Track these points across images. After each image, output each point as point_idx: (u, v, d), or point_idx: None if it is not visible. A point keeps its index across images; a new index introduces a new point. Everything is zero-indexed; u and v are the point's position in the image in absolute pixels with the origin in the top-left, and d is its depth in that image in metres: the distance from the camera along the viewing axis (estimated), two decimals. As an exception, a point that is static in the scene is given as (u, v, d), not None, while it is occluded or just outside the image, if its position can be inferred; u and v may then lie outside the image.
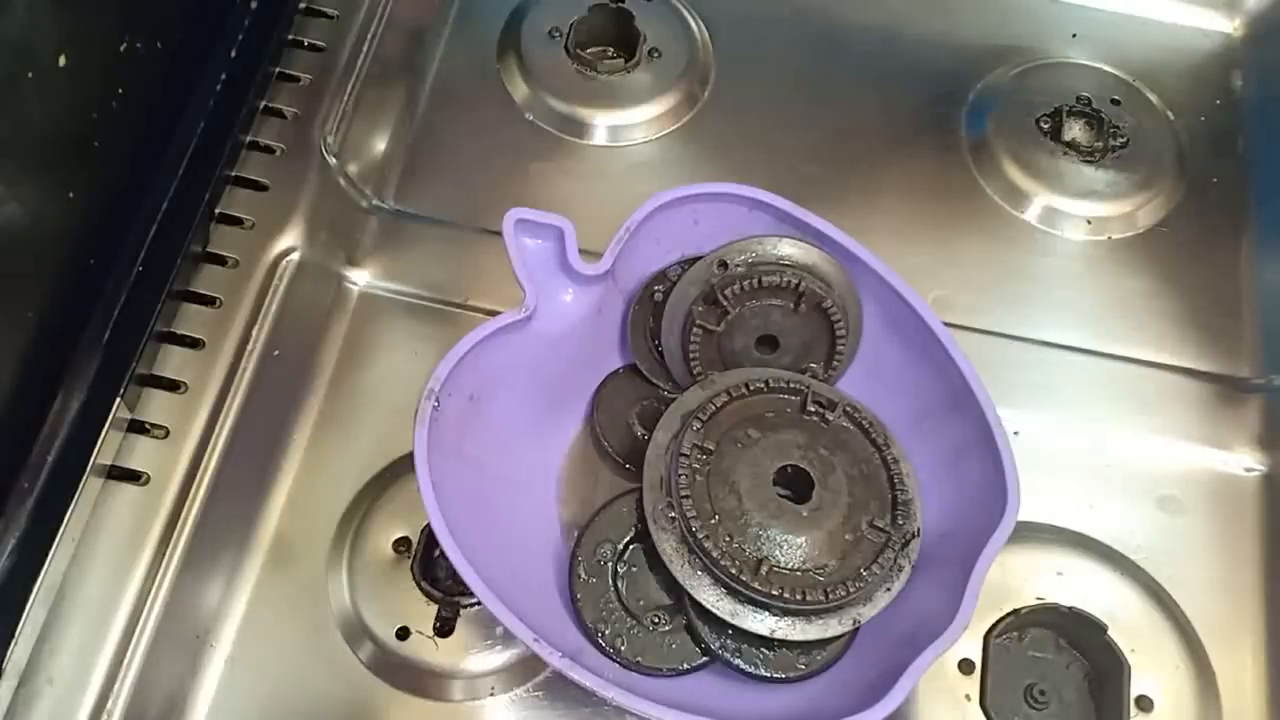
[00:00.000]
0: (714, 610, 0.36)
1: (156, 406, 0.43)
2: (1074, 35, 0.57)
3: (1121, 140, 0.53)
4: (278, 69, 0.51)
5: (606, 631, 0.38)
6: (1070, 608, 0.42)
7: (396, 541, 0.43)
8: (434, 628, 0.42)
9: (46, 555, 0.39)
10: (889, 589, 0.37)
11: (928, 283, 0.49)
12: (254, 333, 0.45)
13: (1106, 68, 0.56)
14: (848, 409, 0.39)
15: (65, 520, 0.39)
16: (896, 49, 0.57)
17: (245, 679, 0.41)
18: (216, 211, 0.47)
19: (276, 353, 0.46)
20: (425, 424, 0.36)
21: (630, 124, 0.53)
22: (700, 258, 0.41)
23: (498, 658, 0.41)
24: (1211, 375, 0.48)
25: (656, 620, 0.38)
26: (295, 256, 0.47)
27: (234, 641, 0.42)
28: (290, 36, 0.52)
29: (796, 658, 0.38)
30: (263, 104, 0.50)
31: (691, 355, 0.41)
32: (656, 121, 0.54)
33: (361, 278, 0.49)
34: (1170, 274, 0.51)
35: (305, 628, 0.42)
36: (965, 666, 0.42)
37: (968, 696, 0.41)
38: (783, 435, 0.38)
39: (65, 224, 0.43)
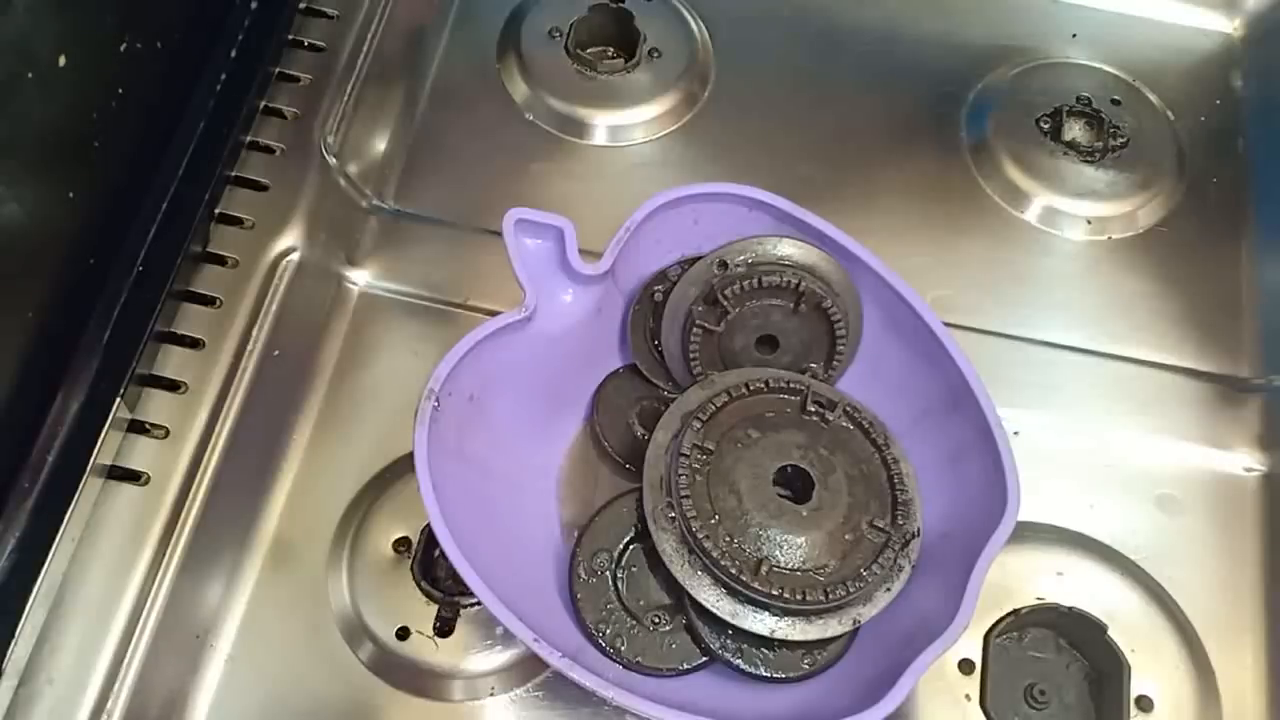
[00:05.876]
0: (714, 610, 0.36)
1: (156, 406, 0.43)
2: (1074, 35, 0.57)
3: (1121, 140, 0.53)
4: (278, 69, 0.51)
5: (606, 631, 0.38)
6: (1070, 608, 0.42)
7: (396, 541, 0.43)
8: (434, 628, 0.42)
9: (46, 555, 0.39)
10: (889, 589, 0.37)
11: (928, 283, 0.49)
12: (254, 333, 0.45)
13: (1106, 68, 0.56)
14: (848, 409, 0.39)
15: (65, 520, 0.39)
16: (896, 49, 0.57)
17: (245, 679, 0.41)
18: (216, 211, 0.47)
19: (276, 353, 0.46)
20: (425, 424, 0.36)
21: (630, 124, 0.53)
22: (700, 258, 0.41)
23: (498, 658, 0.41)
24: (1211, 375, 0.48)
25: (656, 620, 0.38)
26: (295, 256, 0.47)
27: (234, 641, 0.42)
28: (290, 36, 0.52)
29: (797, 658, 0.38)
30: (263, 104, 0.50)
31: (691, 355, 0.41)
32: (656, 121, 0.54)
33: (361, 278, 0.49)
34: (1170, 274, 0.51)
35: (305, 628, 0.42)
36: (965, 666, 0.42)
37: (968, 696, 0.41)
38: (783, 435, 0.38)
39: (65, 224, 0.43)
